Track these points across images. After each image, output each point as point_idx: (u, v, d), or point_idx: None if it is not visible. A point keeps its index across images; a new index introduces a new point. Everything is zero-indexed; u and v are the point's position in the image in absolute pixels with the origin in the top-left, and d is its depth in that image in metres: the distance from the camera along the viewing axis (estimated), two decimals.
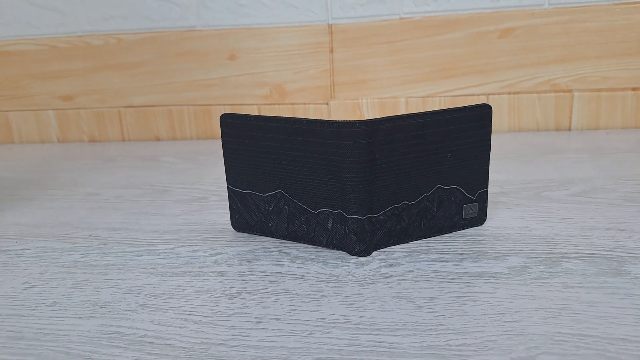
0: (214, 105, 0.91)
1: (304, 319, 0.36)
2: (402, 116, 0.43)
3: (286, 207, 0.47)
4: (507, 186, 0.59)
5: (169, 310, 0.38)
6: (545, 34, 0.81)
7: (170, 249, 0.49)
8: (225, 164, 0.49)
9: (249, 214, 0.49)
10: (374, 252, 0.45)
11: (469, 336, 0.33)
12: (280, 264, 0.44)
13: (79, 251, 0.49)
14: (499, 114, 0.84)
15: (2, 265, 0.47)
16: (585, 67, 0.81)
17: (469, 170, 0.47)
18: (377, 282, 0.40)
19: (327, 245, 0.46)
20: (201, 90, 0.91)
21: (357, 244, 0.45)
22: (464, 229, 0.49)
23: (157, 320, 0.37)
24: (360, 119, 0.58)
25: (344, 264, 0.44)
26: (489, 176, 0.50)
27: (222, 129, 0.48)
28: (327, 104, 0.88)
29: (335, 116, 0.88)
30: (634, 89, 0.81)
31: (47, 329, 0.37)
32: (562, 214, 0.51)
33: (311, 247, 0.47)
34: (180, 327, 0.36)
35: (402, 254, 0.45)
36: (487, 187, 0.48)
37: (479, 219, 0.49)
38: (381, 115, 0.87)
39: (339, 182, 0.43)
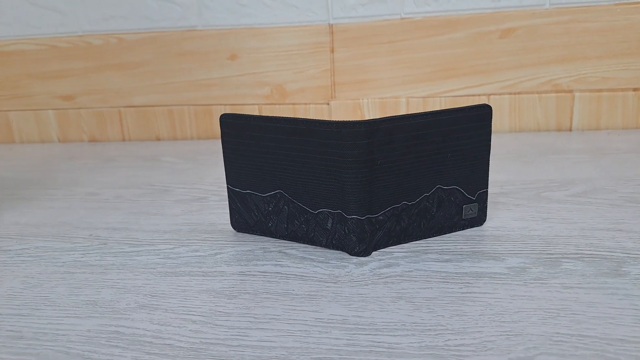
0: (215, 105, 0.91)
1: (303, 319, 0.36)
2: (402, 116, 0.43)
3: (286, 207, 0.47)
4: (508, 186, 0.59)
5: (168, 310, 0.38)
6: (546, 34, 0.80)
7: (170, 249, 0.49)
8: (225, 164, 0.49)
9: (249, 214, 0.49)
10: (374, 253, 0.45)
11: (468, 336, 0.33)
12: (279, 264, 0.44)
13: (78, 251, 0.49)
14: (499, 114, 0.84)
15: (2, 264, 0.47)
16: (586, 67, 0.81)
17: (469, 170, 0.47)
18: (377, 283, 0.40)
19: (327, 245, 0.46)
20: (202, 90, 0.91)
21: (356, 244, 0.45)
22: (463, 229, 0.49)
23: (156, 320, 0.37)
24: (360, 119, 0.58)
25: (343, 264, 0.44)
26: (488, 176, 0.50)
27: (221, 129, 0.48)
28: (328, 104, 0.88)
29: (336, 116, 0.88)
30: (635, 89, 0.81)
31: (46, 329, 0.37)
32: (562, 215, 0.51)
33: (311, 247, 0.47)
34: (179, 327, 0.36)
35: (401, 254, 0.45)
36: (487, 188, 0.48)
37: (479, 220, 0.49)
38: (382, 115, 0.87)
39: (339, 182, 0.43)
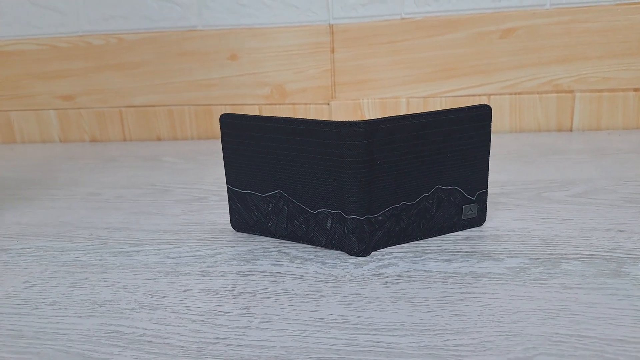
0: (215, 105, 0.91)
1: (302, 318, 0.36)
2: (401, 116, 0.43)
3: (285, 207, 0.47)
4: (508, 187, 0.59)
5: (168, 309, 0.39)
6: (546, 34, 0.80)
7: (170, 248, 0.49)
8: (224, 164, 0.49)
9: (249, 214, 0.49)
10: (373, 253, 0.45)
11: (467, 336, 0.33)
12: (279, 264, 0.44)
13: (79, 250, 0.50)
14: (500, 114, 0.84)
15: (3, 264, 0.48)
16: (586, 67, 0.81)
17: (469, 170, 0.47)
18: (376, 283, 0.41)
19: (327, 245, 0.46)
20: (202, 90, 0.91)
21: (356, 244, 0.45)
22: (463, 229, 0.49)
23: (156, 319, 0.37)
24: (359, 119, 0.58)
25: (343, 264, 0.44)
26: (488, 177, 0.50)
27: (221, 129, 0.48)
28: (328, 104, 0.88)
29: (336, 116, 0.88)
30: (636, 89, 0.81)
31: (46, 328, 0.37)
32: (562, 215, 0.51)
33: (310, 247, 0.47)
34: (179, 327, 0.36)
35: (401, 255, 0.45)
36: (486, 188, 0.48)
37: (479, 220, 0.49)
38: (382, 115, 0.87)
39: (338, 183, 0.43)
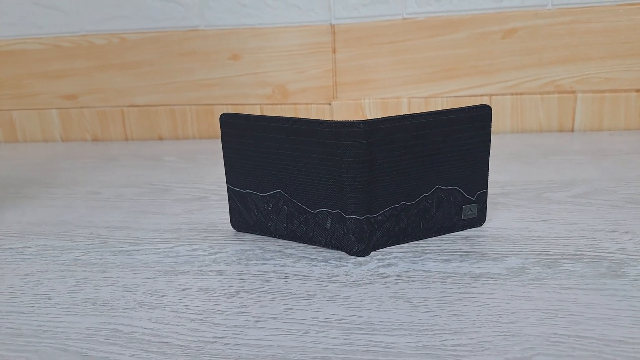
0: (217, 105, 0.91)
1: (300, 318, 0.36)
2: (401, 116, 0.43)
3: (285, 206, 0.47)
4: (508, 187, 0.59)
5: (167, 308, 0.39)
6: (548, 34, 0.80)
7: (169, 247, 0.49)
8: (225, 163, 0.49)
9: (249, 213, 0.49)
10: (373, 252, 0.45)
11: (465, 336, 0.33)
12: (278, 264, 0.44)
13: (79, 249, 0.50)
14: (501, 114, 0.84)
15: (3, 262, 0.48)
16: (588, 68, 0.81)
17: (469, 171, 0.47)
18: (375, 282, 0.41)
19: (326, 245, 0.46)
20: (204, 90, 0.91)
21: (355, 244, 0.45)
22: (463, 229, 0.49)
23: (154, 318, 0.37)
24: (359, 119, 0.58)
25: (342, 263, 0.44)
26: (488, 177, 0.50)
27: (221, 129, 0.48)
28: (330, 104, 0.88)
29: (337, 116, 0.88)
30: (638, 90, 0.81)
31: (46, 326, 0.37)
32: (562, 216, 0.51)
33: (310, 247, 0.47)
34: (177, 325, 0.36)
35: (400, 254, 0.45)
36: (486, 188, 0.48)
37: (478, 220, 0.49)
38: (383, 115, 0.87)
39: (338, 182, 0.43)
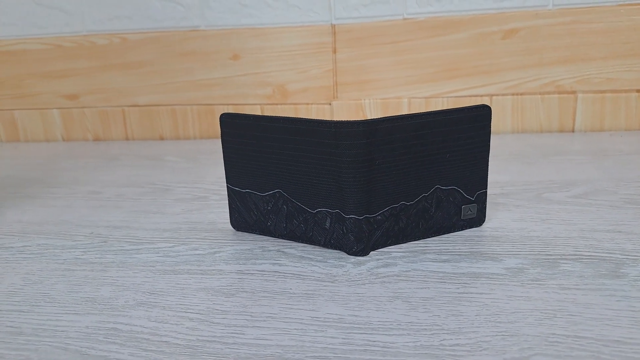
0: (217, 105, 0.91)
1: (299, 317, 0.36)
2: (401, 116, 0.43)
3: (285, 206, 0.47)
4: (508, 187, 0.59)
5: (166, 307, 0.39)
6: (549, 34, 0.80)
7: (169, 247, 0.49)
8: (224, 163, 0.49)
9: (248, 213, 0.50)
10: (372, 252, 0.45)
11: (463, 336, 0.33)
12: (278, 263, 0.45)
13: (79, 248, 0.50)
14: (502, 115, 0.84)
15: (4, 261, 0.48)
16: (589, 68, 0.81)
17: (468, 171, 0.47)
18: (374, 282, 0.41)
19: (325, 244, 0.47)
20: (204, 90, 0.91)
21: (354, 243, 0.45)
22: (462, 229, 0.49)
23: (153, 317, 0.37)
24: (358, 119, 0.58)
25: (341, 263, 0.44)
26: (488, 177, 0.50)
27: (221, 129, 0.48)
28: (330, 104, 0.88)
29: (338, 116, 0.88)
30: (639, 90, 0.81)
31: (45, 325, 0.37)
32: (562, 216, 0.51)
33: (309, 247, 0.47)
34: (176, 325, 0.36)
35: (399, 254, 0.45)
36: (486, 188, 0.48)
37: (478, 220, 0.49)
38: (384, 115, 0.87)
39: (337, 182, 0.43)
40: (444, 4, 0.81)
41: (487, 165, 0.47)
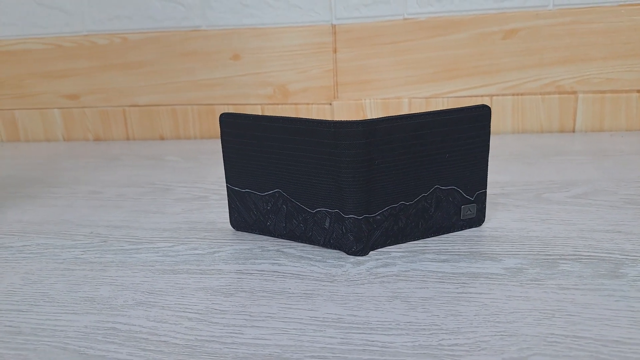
0: (218, 104, 0.91)
1: (298, 317, 0.36)
2: (400, 116, 0.43)
3: (284, 206, 0.47)
4: (508, 187, 0.59)
5: (165, 307, 0.39)
6: (549, 35, 0.80)
7: (169, 246, 0.49)
8: (224, 163, 0.49)
9: (248, 212, 0.50)
10: (371, 252, 0.45)
11: (462, 336, 0.33)
12: (277, 263, 0.45)
13: (79, 248, 0.50)
14: (502, 115, 0.84)
15: (4, 261, 0.48)
16: (589, 68, 0.81)
17: (468, 171, 0.47)
18: (373, 282, 0.41)
19: (325, 244, 0.47)
20: (205, 90, 0.91)
21: (354, 243, 0.45)
22: (462, 229, 0.49)
23: (152, 317, 0.38)
24: (357, 119, 0.58)
25: (340, 263, 0.44)
26: (487, 177, 0.50)
27: (221, 128, 0.48)
28: (330, 104, 0.88)
29: (338, 116, 0.88)
30: (639, 90, 0.80)
31: (44, 325, 0.37)
32: (561, 216, 0.51)
33: (309, 247, 0.47)
34: (175, 324, 0.36)
35: (399, 254, 0.45)
36: (485, 188, 0.48)
37: (477, 220, 0.49)
38: (384, 115, 0.87)
39: (337, 182, 0.43)
40: (444, 4, 0.81)
41: (487, 165, 0.47)
